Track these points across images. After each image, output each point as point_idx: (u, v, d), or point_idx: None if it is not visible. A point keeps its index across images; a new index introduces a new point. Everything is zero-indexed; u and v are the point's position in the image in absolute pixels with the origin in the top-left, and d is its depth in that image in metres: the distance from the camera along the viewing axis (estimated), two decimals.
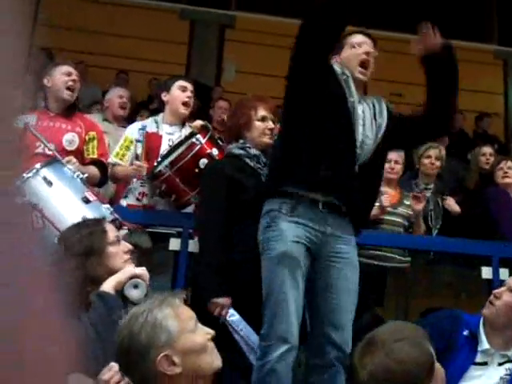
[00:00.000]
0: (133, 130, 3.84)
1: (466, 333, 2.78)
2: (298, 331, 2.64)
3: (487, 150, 5.44)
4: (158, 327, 1.81)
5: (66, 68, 3.70)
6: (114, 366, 2.04)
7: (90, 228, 2.54)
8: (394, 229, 4.31)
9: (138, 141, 3.76)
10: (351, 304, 2.76)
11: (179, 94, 3.82)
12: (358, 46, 2.91)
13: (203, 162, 3.30)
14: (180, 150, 3.36)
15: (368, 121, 2.85)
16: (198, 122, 3.87)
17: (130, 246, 2.48)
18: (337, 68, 2.86)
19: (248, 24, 8.98)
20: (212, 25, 9.42)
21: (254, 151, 3.13)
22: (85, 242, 2.51)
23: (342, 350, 2.69)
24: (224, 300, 2.90)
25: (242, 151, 3.13)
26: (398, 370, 1.74)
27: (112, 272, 2.39)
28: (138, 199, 3.70)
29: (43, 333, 0.66)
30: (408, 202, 4.37)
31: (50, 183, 2.98)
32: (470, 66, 9.22)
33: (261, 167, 3.11)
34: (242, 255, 2.95)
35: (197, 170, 3.30)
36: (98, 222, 2.57)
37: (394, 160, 4.43)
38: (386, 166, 4.30)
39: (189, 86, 3.87)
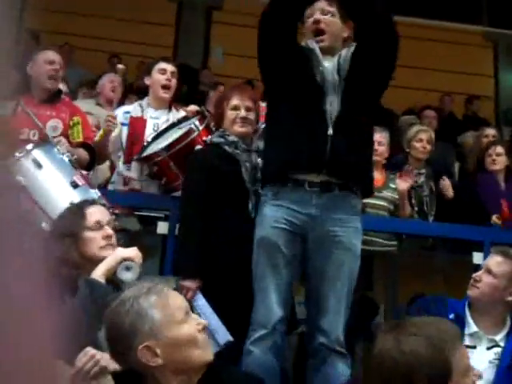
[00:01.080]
0: (118, 113, 3.82)
1: (452, 316, 2.78)
2: (282, 316, 2.62)
3: (490, 131, 5.30)
4: (142, 316, 1.73)
5: (48, 55, 3.63)
6: (89, 351, 2.01)
7: (71, 210, 2.52)
8: (379, 213, 4.19)
9: (122, 124, 3.75)
10: (343, 289, 2.65)
11: (158, 76, 3.80)
12: (308, 18, 2.81)
13: (198, 148, 3.29)
14: (178, 135, 3.36)
15: (331, 79, 2.71)
16: (194, 107, 3.86)
17: (110, 232, 2.42)
18: (304, 44, 2.80)
19: (236, 5, 8.88)
20: (199, 6, 9.33)
21: (232, 138, 3.11)
22: (61, 224, 2.49)
23: (328, 335, 2.63)
24: (191, 283, 2.88)
25: (221, 139, 3.12)
26: (400, 361, 1.68)
27: (87, 257, 2.38)
28: (124, 183, 3.68)
29: (26, 316, 0.64)
30: (394, 186, 4.25)
31: (39, 166, 2.96)
32: (460, 48, 9.22)
33: (239, 152, 3.08)
34: (221, 239, 2.94)
35: None
36: (81, 205, 2.54)
37: (377, 141, 4.20)
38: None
39: (168, 67, 3.83)
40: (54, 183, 2.98)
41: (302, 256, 2.69)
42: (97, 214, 2.46)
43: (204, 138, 3.32)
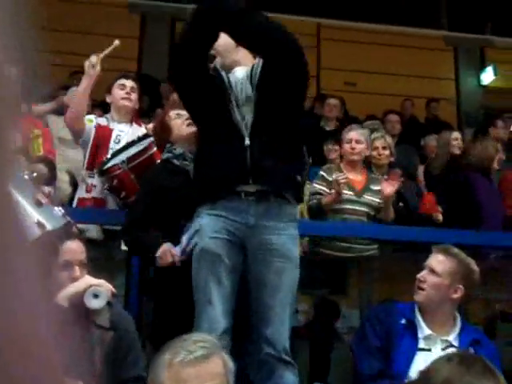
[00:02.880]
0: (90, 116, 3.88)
1: (403, 321, 2.81)
2: (227, 327, 2.58)
3: (457, 134, 5.39)
4: None
5: None
6: None
7: (45, 244, 2.49)
8: (358, 219, 4.05)
9: (92, 123, 3.78)
10: (285, 297, 2.64)
11: (118, 92, 3.87)
12: None
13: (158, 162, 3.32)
14: (139, 148, 3.38)
15: (244, 90, 2.73)
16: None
17: (77, 275, 2.36)
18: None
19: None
20: (163, 18, 9.33)
21: (178, 150, 3.16)
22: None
23: (274, 345, 2.60)
24: (165, 246, 2.93)
25: (169, 154, 3.18)
26: None
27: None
28: (87, 191, 3.69)
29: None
30: (376, 187, 4.09)
31: None
32: (421, 53, 9.36)
33: (188, 163, 3.11)
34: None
35: None
36: (57, 238, 2.43)
37: (355, 139, 4.12)
38: (346, 146, 4.15)
39: (128, 83, 3.91)
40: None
41: (242, 265, 2.68)
42: (69, 253, 2.40)
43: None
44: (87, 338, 2.36)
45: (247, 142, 2.66)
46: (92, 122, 3.79)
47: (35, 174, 3.07)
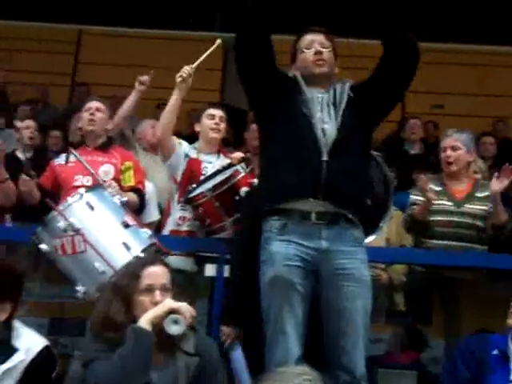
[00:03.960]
0: (184, 144, 3.97)
1: (495, 352, 2.69)
2: (299, 356, 2.54)
3: None
4: None
5: (88, 104, 3.92)
6: None
7: (128, 270, 2.54)
8: (461, 232, 3.70)
9: (185, 154, 3.88)
10: (360, 324, 2.60)
11: (208, 122, 3.94)
12: (306, 49, 2.88)
13: (244, 190, 3.32)
14: (224, 176, 3.41)
15: (325, 108, 2.75)
16: (238, 154, 3.91)
17: (158, 299, 2.39)
18: (287, 72, 2.86)
19: (280, 46, 9.02)
20: None
21: None
22: (117, 284, 2.51)
23: (352, 372, 2.56)
24: (228, 330, 2.93)
25: None
26: None
27: (131, 320, 2.36)
28: (178, 224, 3.75)
29: None
30: (482, 194, 3.73)
31: (91, 207, 3.08)
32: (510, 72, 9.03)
33: None
34: None
35: (237, 198, 3.33)
36: (140, 264, 2.53)
37: (450, 146, 3.78)
38: (442, 156, 3.84)
39: (216, 113, 3.98)
40: (106, 224, 3.09)
41: (313, 292, 2.63)
42: (151, 277, 2.43)
43: (249, 180, 3.35)
44: (172, 362, 2.38)
45: (325, 157, 2.64)
46: (181, 145, 3.89)
47: (126, 199, 3.22)
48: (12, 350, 2.22)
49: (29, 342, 2.27)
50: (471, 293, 3.92)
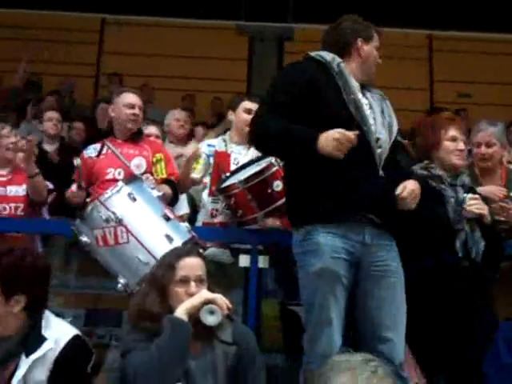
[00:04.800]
0: (202, 146, 3.97)
1: None
2: (340, 345, 2.58)
3: None
4: None
5: (129, 99, 3.78)
6: None
7: (164, 261, 2.55)
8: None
9: (206, 155, 3.87)
10: (400, 313, 2.65)
11: (244, 116, 3.89)
12: (376, 50, 2.85)
13: (277, 184, 3.31)
14: (257, 168, 3.40)
15: (378, 114, 2.75)
16: None
17: (193, 291, 2.42)
18: (330, 63, 2.74)
19: (306, 35, 8.96)
20: (270, 38, 9.47)
21: (437, 171, 3.10)
22: (153, 275, 2.54)
23: (391, 361, 2.58)
24: None
25: (424, 172, 3.12)
26: None
27: (167, 311, 2.39)
28: (212, 216, 3.76)
29: None
30: None
31: (134, 199, 3.07)
32: None
33: (444, 187, 3.05)
34: (431, 277, 2.92)
35: (269, 191, 3.32)
36: (176, 255, 2.54)
37: (485, 142, 3.77)
38: (475, 151, 3.81)
39: (253, 107, 3.86)
40: (148, 215, 3.08)
41: (351, 284, 2.66)
42: (186, 268, 2.47)
43: (283, 174, 3.28)
44: (210, 351, 2.42)
45: (381, 172, 2.68)
46: (201, 159, 3.84)
47: (162, 193, 3.23)
48: (41, 340, 2.22)
49: (58, 332, 2.28)
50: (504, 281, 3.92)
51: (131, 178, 3.27)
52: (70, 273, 4.01)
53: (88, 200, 3.57)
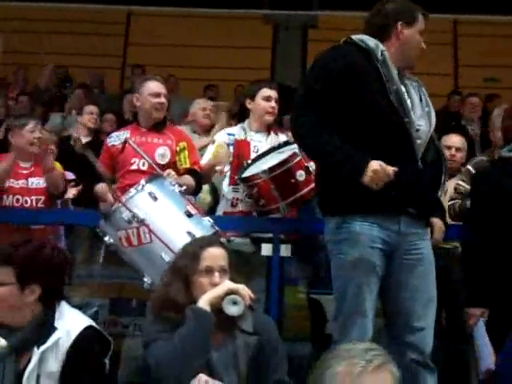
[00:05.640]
0: (221, 135, 3.94)
1: None
2: (371, 335, 2.57)
3: None
4: None
5: (154, 88, 3.74)
6: (202, 377, 2.10)
7: (187, 251, 2.54)
8: None
9: (227, 144, 3.84)
10: (431, 301, 2.65)
11: (264, 104, 3.85)
12: (420, 34, 2.74)
13: (300, 173, 3.30)
14: (281, 158, 3.38)
15: (417, 104, 2.69)
16: None
17: (217, 281, 2.41)
18: (373, 49, 2.63)
19: (331, 22, 8.90)
20: (295, 26, 9.42)
21: None
22: (177, 265, 2.54)
23: (421, 350, 2.58)
24: (475, 310, 2.99)
25: (511, 154, 3.07)
26: None
27: (191, 301, 2.39)
28: (232, 205, 3.75)
29: None
30: None
31: (155, 198, 3.08)
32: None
33: None
34: None
35: (292, 181, 3.32)
36: (199, 245, 2.54)
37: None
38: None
39: (273, 94, 3.88)
40: (169, 214, 3.09)
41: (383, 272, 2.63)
42: (210, 258, 2.46)
43: (306, 164, 3.30)
44: (231, 341, 2.43)
45: (420, 164, 2.65)
46: (223, 147, 3.83)
47: (185, 188, 3.24)
48: (52, 331, 2.20)
49: (71, 323, 2.24)
50: None
51: (153, 176, 3.27)
52: (94, 263, 4.05)
53: (114, 187, 3.64)
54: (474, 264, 2.99)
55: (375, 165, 2.48)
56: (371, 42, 2.64)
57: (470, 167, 3.87)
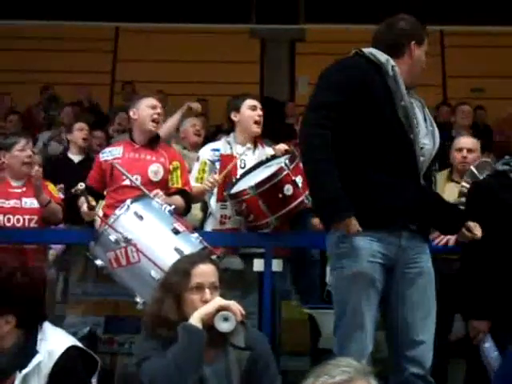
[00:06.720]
0: (205, 152, 3.94)
1: None
2: (371, 350, 2.56)
3: None
4: None
5: (150, 101, 3.82)
6: None
7: (178, 268, 2.54)
8: None
9: (211, 161, 3.85)
10: (430, 315, 2.65)
11: (250, 112, 3.87)
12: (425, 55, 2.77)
13: (287, 188, 3.30)
14: (267, 173, 3.37)
15: (421, 123, 2.69)
16: (282, 146, 3.88)
17: (208, 298, 2.42)
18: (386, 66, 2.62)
19: (318, 35, 8.96)
20: (282, 40, 9.47)
21: None
22: (167, 282, 2.53)
23: (423, 366, 2.59)
24: (479, 324, 2.99)
25: (506, 167, 3.11)
26: None
27: (183, 318, 2.39)
28: (221, 222, 3.75)
29: None
30: None
31: (140, 217, 3.10)
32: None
33: None
34: None
35: (280, 196, 3.31)
36: (190, 262, 2.53)
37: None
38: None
39: (258, 104, 3.92)
40: (156, 232, 3.11)
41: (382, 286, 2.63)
42: (200, 275, 2.46)
43: (293, 178, 3.30)
44: (224, 357, 2.43)
45: (422, 181, 2.66)
46: (206, 164, 3.85)
47: (174, 207, 3.25)
48: (33, 354, 2.15)
49: (53, 343, 2.20)
50: None
51: (138, 196, 3.29)
52: (89, 281, 4.04)
53: (103, 203, 3.64)
54: (474, 276, 3.01)
55: (353, 227, 2.52)
56: (382, 56, 2.63)
57: (473, 168, 3.88)
